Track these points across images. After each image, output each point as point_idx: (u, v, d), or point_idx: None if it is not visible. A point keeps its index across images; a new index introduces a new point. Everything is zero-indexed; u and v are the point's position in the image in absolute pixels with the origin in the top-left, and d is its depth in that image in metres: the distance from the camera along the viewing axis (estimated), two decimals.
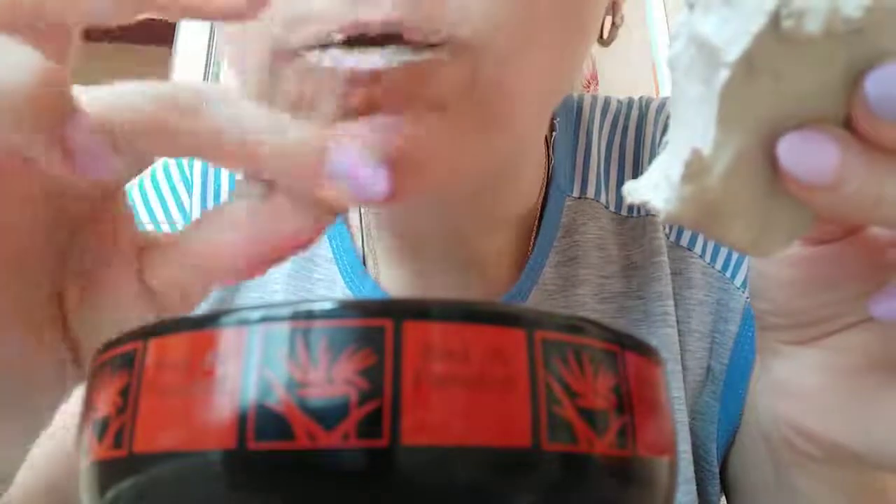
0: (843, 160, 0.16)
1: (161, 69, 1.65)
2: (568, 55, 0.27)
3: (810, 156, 0.16)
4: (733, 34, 0.15)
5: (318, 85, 0.22)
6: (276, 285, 0.40)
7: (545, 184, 0.39)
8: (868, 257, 0.21)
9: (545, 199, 0.39)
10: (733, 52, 0.15)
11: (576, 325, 0.15)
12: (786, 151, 0.17)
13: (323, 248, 0.41)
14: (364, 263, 0.39)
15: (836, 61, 0.16)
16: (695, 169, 0.16)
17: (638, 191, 0.18)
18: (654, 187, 0.18)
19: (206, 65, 1.60)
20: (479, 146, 0.26)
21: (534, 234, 0.39)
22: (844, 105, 0.17)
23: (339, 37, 0.21)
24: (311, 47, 0.22)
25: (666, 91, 1.24)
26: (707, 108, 0.16)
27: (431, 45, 0.22)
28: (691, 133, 0.17)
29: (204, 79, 1.58)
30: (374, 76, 0.22)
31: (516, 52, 0.24)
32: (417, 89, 0.23)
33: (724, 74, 0.16)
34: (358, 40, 0.22)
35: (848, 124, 0.17)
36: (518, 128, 0.27)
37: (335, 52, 0.22)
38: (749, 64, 0.15)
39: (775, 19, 0.15)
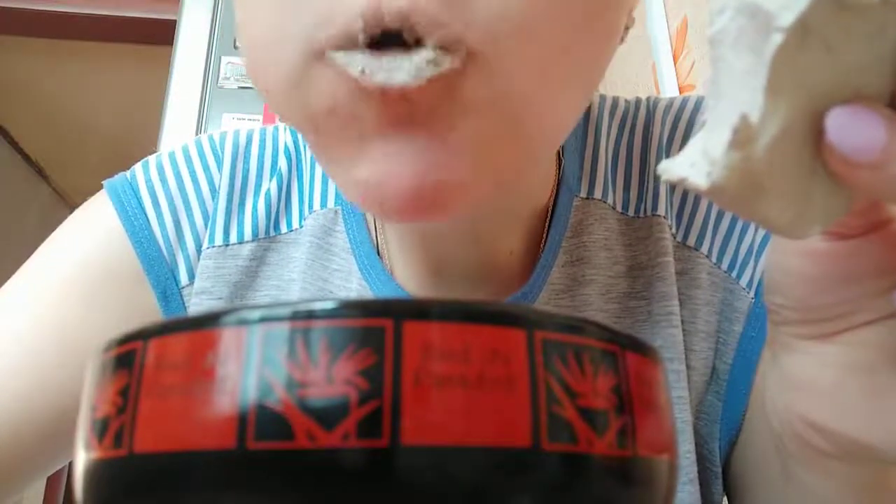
0: (889, 140, 0.16)
1: (161, 69, 1.65)
2: (596, 60, 0.26)
3: (858, 132, 0.16)
4: None
5: (351, 95, 0.22)
6: (293, 274, 0.40)
7: (556, 183, 0.39)
8: (891, 253, 0.21)
9: (555, 199, 0.39)
10: (788, 17, 0.15)
11: (576, 326, 0.15)
12: (833, 125, 0.17)
13: (340, 238, 0.40)
14: (380, 254, 0.39)
15: (886, 35, 0.16)
16: (742, 136, 0.16)
17: (673, 169, 0.18)
18: (692, 165, 0.17)
19: (206, 65, 1.59)
20: (510, 157, 0.25)
21: (544, 234, 0.39)
22: (891, 82, 0.17)
23: (362, 36, 0.21)
24: (338, 46, 0.22)
25: (666, 91, 1.24)
26: (755, 78, 0.16)
27: (445, 49, 0.21)
28: (735, 106, 0.16)
29: (203, 79, 1.58)
30: (404, 94, 0.22)
31: (537, 62, 0.23)
32: (444, 104, 0.22)
33: (777, 39, 0.15)
34: (380, 42, 0.21)
35: (893, 101, 0.17)
36: (544, 137, 0.27)
37: (361, 59, 0.21)
38: (803, 30, 0.15)
39: None
